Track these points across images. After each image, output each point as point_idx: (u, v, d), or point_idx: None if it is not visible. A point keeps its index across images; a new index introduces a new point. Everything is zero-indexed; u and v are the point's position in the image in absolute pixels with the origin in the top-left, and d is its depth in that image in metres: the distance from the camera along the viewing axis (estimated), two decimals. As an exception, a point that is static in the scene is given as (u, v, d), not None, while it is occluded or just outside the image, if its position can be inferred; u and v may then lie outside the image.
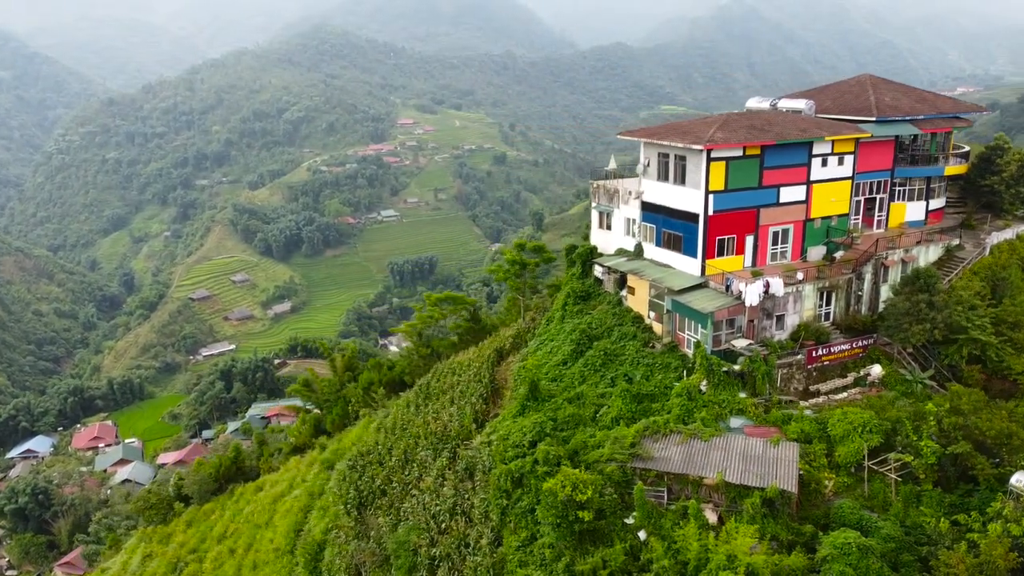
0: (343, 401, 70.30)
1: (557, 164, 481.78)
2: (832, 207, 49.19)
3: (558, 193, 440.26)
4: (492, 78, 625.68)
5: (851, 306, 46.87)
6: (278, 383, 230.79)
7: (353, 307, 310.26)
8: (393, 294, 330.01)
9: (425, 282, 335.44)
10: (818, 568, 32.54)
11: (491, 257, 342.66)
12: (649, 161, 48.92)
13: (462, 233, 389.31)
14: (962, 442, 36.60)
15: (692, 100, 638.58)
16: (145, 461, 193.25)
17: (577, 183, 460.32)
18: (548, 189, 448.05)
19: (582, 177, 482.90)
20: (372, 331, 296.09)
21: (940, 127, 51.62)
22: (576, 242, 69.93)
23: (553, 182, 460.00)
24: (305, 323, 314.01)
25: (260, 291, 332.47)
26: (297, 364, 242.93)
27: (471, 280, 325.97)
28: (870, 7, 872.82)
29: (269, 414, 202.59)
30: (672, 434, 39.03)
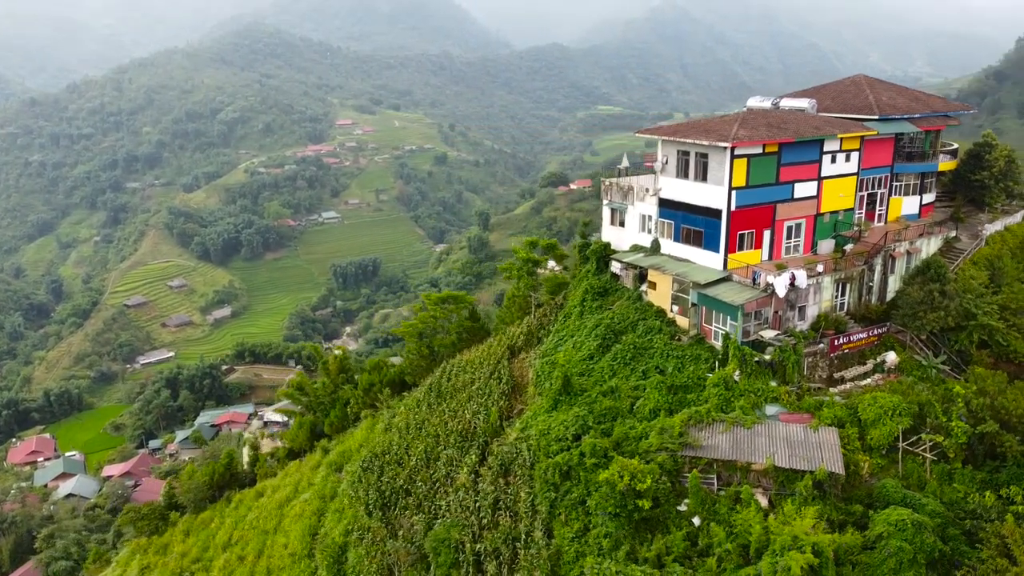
0: (341, 404, 69.54)
1: (498, 164, 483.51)
2: (840, 202, 51.34)
3: (500, 193, 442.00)
4: (429, 78, 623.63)
5: (863, 296, 49.03)
6: (227, 389, 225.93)
7: (296, 311, 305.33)
8: (337, 297, 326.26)
9: (369, 284, 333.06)
10: (871, 545, 34.12)
11: (437, 258, 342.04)
12: (667, 159, 50.12)
13: (405, 234, 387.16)
14: (989, 421, 38.88)
15: (627, 100, 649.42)
16: (88, 474, 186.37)
17: (519, 183, 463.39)
18: (490, 189, 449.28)
19: (522, 177, 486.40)
20: (316, 334, 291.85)
21: (934, 125, 54.43)
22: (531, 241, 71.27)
23: (494, 182, 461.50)
24: (247, 328, 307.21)
25: (199, 296, 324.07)
26: (246, 370, 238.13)
27: (418, 281, 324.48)
28: (796, 10, 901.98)
29: (219, 421, 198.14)
30: (715, 423, 40.25)
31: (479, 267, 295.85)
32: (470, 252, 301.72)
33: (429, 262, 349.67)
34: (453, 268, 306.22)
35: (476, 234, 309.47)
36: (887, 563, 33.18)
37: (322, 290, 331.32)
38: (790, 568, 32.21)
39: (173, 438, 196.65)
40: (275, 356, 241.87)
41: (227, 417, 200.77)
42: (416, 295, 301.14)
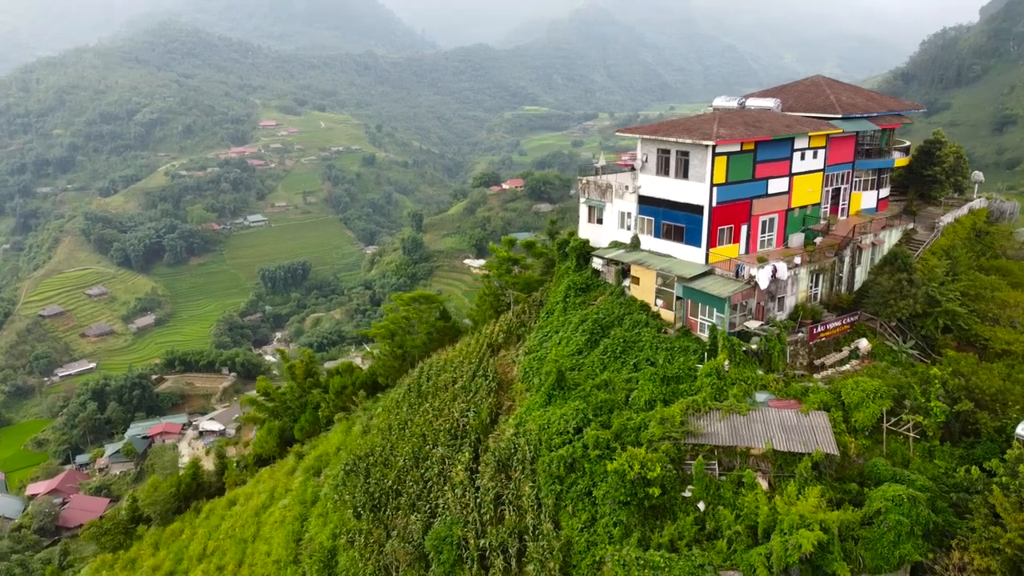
0: (311, 408, 68.60)
1: (427, 165, 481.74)
2: (808, 197, 53.74)
3: (429, 194, 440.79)
4: (354, 78, 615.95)
5: (834, 287, 51.44)
6: (158, 400, 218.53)
7: (224, 317, 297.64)
8: (266, 301, 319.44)
9: (299, 288, 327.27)
10: (870, 520, 36.06)
11: (370, 260, 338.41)
12: (647, 157, 51.48)
13: (334, 236, 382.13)
14: (965, 401, 41.54)
15: (553, 100, 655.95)
16: (10, 493, 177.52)
17: (449, 183, 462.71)
18: (419, 190, 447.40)
19: (452, 177, 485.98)
20: (245, 340, 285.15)
21: (890, 123, 57.49)
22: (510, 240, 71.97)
23: (424, 183, 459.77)
24: (172, 336, 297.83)
25: (120, 304, 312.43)
26: (177, 379, 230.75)
27: (351, 284, 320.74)
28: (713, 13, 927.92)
29: (151, 433, 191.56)
30: (712, 411, 41.69)
31: (414, 268, 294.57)
32: (404, 253, 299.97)
33: (361, 264, 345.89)
34: (387, 270, 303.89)
35: (410, 235, 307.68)
36: (886, 536, 35.17)
37: (250, 295, 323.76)
38: (801, 545, 33.85)
39: (102, 452, 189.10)
40: (207, 364, 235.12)
41: (160, 428, 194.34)
42: (350, 298, 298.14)
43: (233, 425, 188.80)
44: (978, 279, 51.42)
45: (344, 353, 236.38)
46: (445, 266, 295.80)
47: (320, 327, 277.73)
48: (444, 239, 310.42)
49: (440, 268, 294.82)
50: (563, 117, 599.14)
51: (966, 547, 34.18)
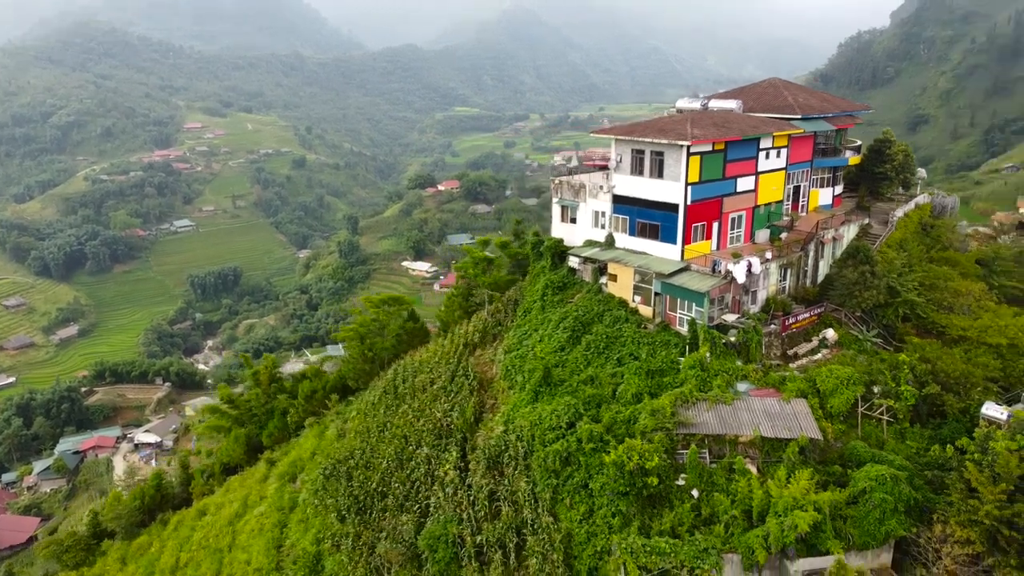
0: (278, 413, 67.72)
1: (359, 167, 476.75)
2: (772, 195, 56.03)
3: (363, 196, 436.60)
4: (281, 79, 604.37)
5: (800, 280, 53.79)
6: (88, 413, 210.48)
7: (152, 325, 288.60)
8: (196, 309, 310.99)
9: (230, 294, 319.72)
10: (855, 500, 38.11)
11: (304, 264, 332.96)
12: (621, 157, 52.83)
13: (266, 241, 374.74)
14: (932, 384, 44.19)
15: (484, 101, 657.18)
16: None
17: (382, 185, 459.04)
18: (352, 192, 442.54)
19: (385, 179, 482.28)
20: (176, 349, 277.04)
21: (844, 123, 60.37)
22: (484, 240, 72.72)
23: (356, 185, 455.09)
24: (98, 347, 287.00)
25: (40, 315, 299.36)
26: (108, 390, 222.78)
27: (285, 288, 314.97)
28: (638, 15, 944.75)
29: (83, 447, 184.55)
30: (699, 402, 43.22)
31: (351, 271, 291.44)
32: (341, 257, 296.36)
33: (295, 269, 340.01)
34: (323, 273, 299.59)
35: (346, 238, 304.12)
36: (872, 514, 37.27)
37: (179, 303, 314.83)
38: (797, 525, 35.63)
39: (30, 469, 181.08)
40: (139, 374, 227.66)
41: (92, 442, 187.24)
42: (286, 303, 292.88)
43: (171, 436, 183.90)
44: (932, 270, 54.58)
45: (283, 359, 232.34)
46: (383, 269, 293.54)
47: (254, 333, 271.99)
48: (381, 241, 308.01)
49: (378, 271, 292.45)
50: (494, 118, 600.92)
51: (946, 520, 36.49)
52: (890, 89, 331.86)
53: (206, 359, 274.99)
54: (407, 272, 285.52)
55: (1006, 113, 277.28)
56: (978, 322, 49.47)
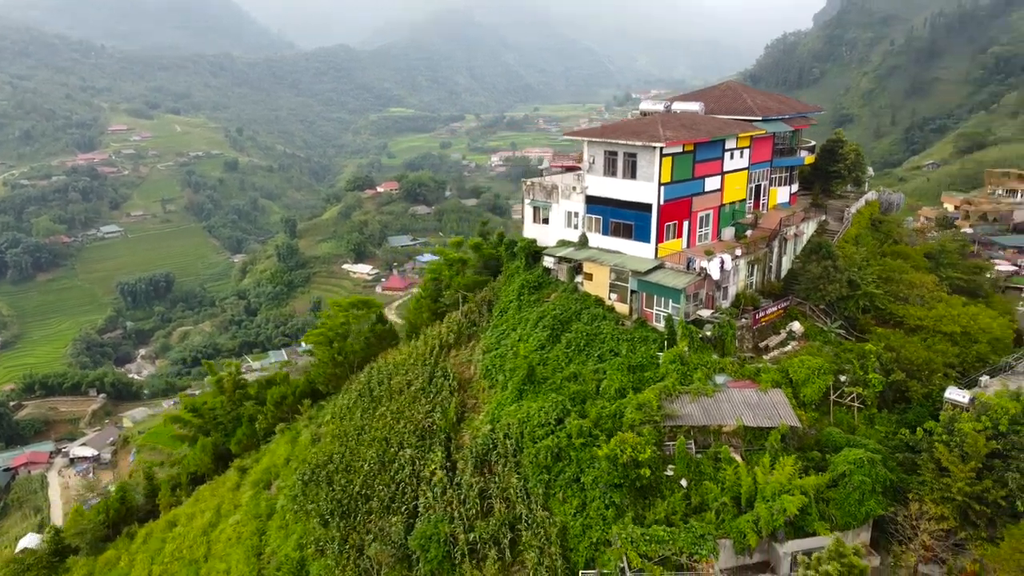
0: (246, 421, 66.82)
1: (293, 169, 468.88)
2: (736, 193, 58.13)
3: (298, 199, 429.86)
4: (209, 80, 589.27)
5: (766, 275, 55.99)
6: (18, 428, 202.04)
7: (80, 335, 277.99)
8: (126, 317, 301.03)
9: (163, 301, 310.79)
10: (835, 483, 40.13)
11: (240, 269, 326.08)
12: (594, 159, 54.07)
13: (199, 246, 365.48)
14: (897, 371, 46.72)
15: (418, 102, 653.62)
16: None
17: (317, 187, 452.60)
18: (287, 195, 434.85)
19: (320, 181, 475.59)
20: (106, 359, 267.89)
21: (799, 124, 62.96)
22: (457, 241, 73.31)
23: (291, 188, 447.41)
24: (22, 359, 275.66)
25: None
26: (38, 404, 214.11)
27: (222, 294, 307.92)
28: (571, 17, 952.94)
29: (15, 464, 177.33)
30: (682, 395, 44.70)
31: (290, 275, 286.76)
32: (279, 260, 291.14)
33: (231, 273, 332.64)
34: (262, 278, 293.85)
35: (284, 241, 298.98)
36: (852, 495, 39.35)
37: (108, 311, 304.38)
38: (786, 509, 37.39)
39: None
40: (72, 386, 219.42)
41: (24, 458, 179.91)
42: (223, 309, 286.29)
43: (108, 449, 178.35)
44: (887, 263, 57.49)
45: (224, 367, 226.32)
46: (323, 272, 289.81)
47: (190, 341, 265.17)
48: (320, 244, 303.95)
49: (318, 274, 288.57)
50: (429, 119, 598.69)
51: (921, 499, 38.74)
52: (816, 89, 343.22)
53: (139, 368, 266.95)
54: (348, 275, 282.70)
55: (924, 112, 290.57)
56: (932, 312, 52.42)
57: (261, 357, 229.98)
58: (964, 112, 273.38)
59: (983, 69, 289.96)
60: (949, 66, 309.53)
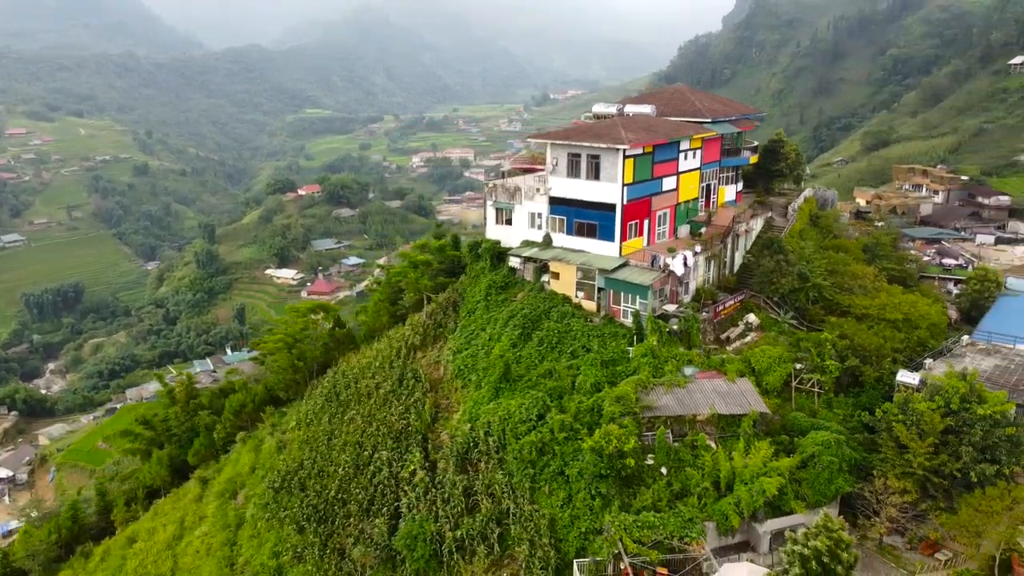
0: (204, 431, 65.49)
1: (207, 172, 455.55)
2: (690, 193, 60.59)
3: (213, 203, 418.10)
4: (114, 81, 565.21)
5: (722, 270, 58.60)
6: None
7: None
8: (32, 330, 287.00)
9: (72, 313, 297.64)
10: (804, 464, 42.68)
11: (157, 276, 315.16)
12: (557, 160, 55.49)
13: (109, 254, 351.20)
14: (852, 358, 49.83)
15: (335, 103, 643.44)
16: None
17: (233, 191, 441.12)
18: (201, 199, 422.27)
19: (236, 185, 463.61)
20: (12, 375, 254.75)
21: (745, 126, 65.99)
22: (422, 244, 73.75)
23: (206, 192, 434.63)
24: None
25: None
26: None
27: (138, 303, 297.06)
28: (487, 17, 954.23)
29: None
30: (656, 387, 46.52)
31: (211, 282, 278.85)
32: (199, 267, 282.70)
33: (147, 282, 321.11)
34: (180, 285, 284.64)
35: (202, 247, 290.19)
36: (822, 475, 41.98)
37: (13, 324, 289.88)
38: (765, 490, 39.65)
39: None
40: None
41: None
42: (140, 318, 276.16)
43: (24, 469, 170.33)
44: (831, 256, 60.99)
45: (144, 379, 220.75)
46: (245, 278, 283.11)
47: (104, 353, 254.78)
48: (241, 249, 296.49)
49: (240, 280, 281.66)
50: (347, 120, 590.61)
51: (885, 475, 41.63)
52: (728, 89, 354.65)
53: (48, 384, 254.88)
54: (272, 280, 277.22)
55: (831, 112, 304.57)
56: (876, 301, 56.01)
57: (183, 367, 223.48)
58: (867, 111, 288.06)
59: (883, 70, 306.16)
60: (852, 67, 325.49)
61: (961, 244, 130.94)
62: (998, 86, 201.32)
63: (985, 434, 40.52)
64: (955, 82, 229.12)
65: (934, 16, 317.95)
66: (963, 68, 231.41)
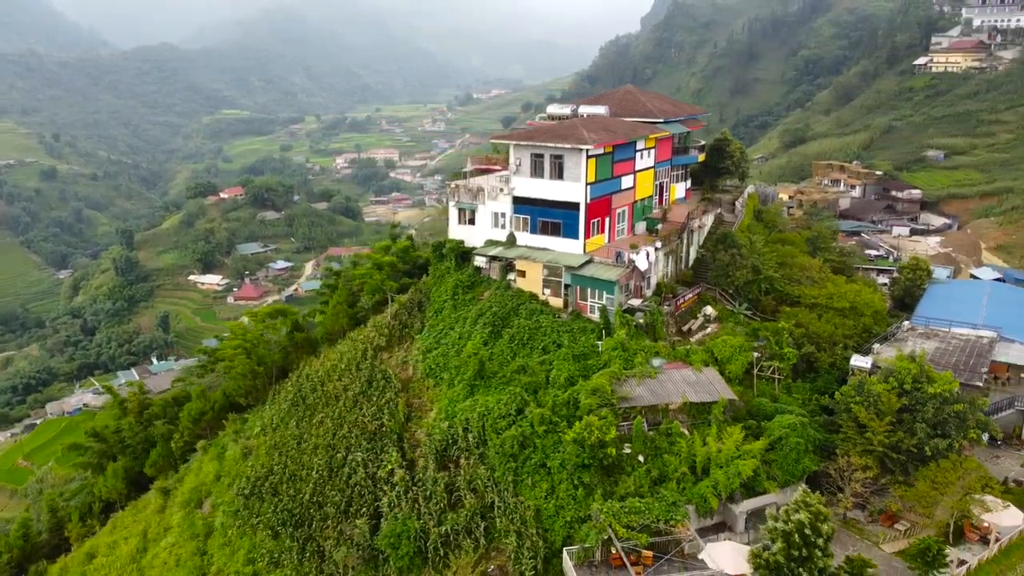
0: (162, 441, 63.98)
1: (120, 176, 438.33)
2: (646, 191, 62.63)
3: (128, 208, 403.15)
4: (15, 81, 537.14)
5: (678, 265, 60.82)
6: None
7: None
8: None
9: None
10: (772, 446, 45.04)
11: (71, 285, 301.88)
12: (521, 161, 56.60)
13: (16, 263, 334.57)
14: (808, 345, 52.64)
15: (253, 104, 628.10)
16: None
17: (149, 195, 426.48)
18: (115, 204, 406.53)
19: (151, 189, 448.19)
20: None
21: (693, 125, 68.49)
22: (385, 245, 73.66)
23: (119, 196, 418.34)
24: None
25: None
26: None
27: (52, 314, 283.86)
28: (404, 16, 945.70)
29: None
30: (628, 378, 48.17)
31: (131, 290, 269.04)
32: (118, 274, 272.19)
33: (60, 291, 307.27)
34: (98, 294, 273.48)
35: (121, 254, 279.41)
36: (789, 456, 44.44)
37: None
38: (741, 472, 41.80)
39: None
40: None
41: None
42: (56, 330, 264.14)
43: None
44: (779, 250, 64.03)
45: (63, 393, 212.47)
46: (167, 284, 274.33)
47: (15, 367, 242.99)
48: (162, 255, 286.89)
49: (162, 287, 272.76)
50: (267, 121, 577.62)
51: (847, 453, 44.33)
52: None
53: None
54: (195, 286, 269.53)
55: (748, 111, 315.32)
56: (824, 291, 59.21)
57: (106, 379, 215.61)
58: (783, 109, 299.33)
59: (795, 70, 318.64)
60: (766, 67, 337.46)
61: (879, 236, 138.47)
62: (904, 85, 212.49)
63: (936, 411, 43.66)
64: (864, 82, 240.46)
65: (841, 18, 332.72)
66: (871, 68, 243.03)
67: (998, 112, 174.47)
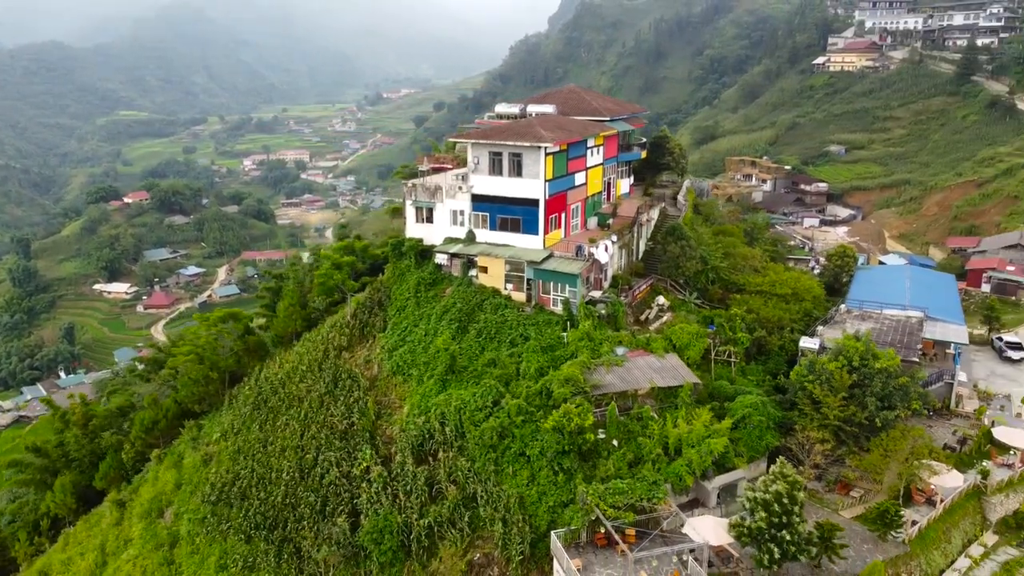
0: (112, 452, 61.99)
1: (9, 182, 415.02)
2: (596, 187, 64.70)
3: (19, 215, 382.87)
4: None
5: (630, 257, 63.15)
6: None
7: None
8: None
9: None
10: (736, 425, 47.72)
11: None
12: (479, 159, 57.67)
13: None
14: (759, 330, 55.74)
15: (152, 104, 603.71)
16: None
17: (42, 201, 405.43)
18: (5, 211, 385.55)
19: (44, 194, 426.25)
20: None
21: (636, 123, 71.04)
22: (343, 246, 73.03)
23: (8, 203, 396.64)
24: None
25: None
26: None
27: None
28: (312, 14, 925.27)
29: None
30: (597, 367, 50.00)
31: (30, 301, 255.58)
32: (15, 285, 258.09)
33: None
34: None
35: (17, 264, 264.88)
36: (753, 433, 47.22)
37: None
38: (713, 450, 44.21)
39: None
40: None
41: None
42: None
43: None
44: (722, 240, 67.25)
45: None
46: (70, 294, 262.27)
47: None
48: (63, 264, 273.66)
49: (64, 297, 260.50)
50: (167, 122, 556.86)
51: (805, 428, 47.41)
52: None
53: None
54: (101, 295, 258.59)
55: (658, 108, 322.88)
56: (766, 279, 62.67)
57: (11, 395, 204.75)
58: (691, 107, 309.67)
59: (701, 69, 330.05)
60: (674, 66, 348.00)
61: (792, 227, 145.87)
62: (805, 83, 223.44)
63: (883, 385, 47.25)
64: (768, 80, 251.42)
65: (742, 19, 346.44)
66: (774, 67, 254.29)
67: (891, 109, 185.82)
